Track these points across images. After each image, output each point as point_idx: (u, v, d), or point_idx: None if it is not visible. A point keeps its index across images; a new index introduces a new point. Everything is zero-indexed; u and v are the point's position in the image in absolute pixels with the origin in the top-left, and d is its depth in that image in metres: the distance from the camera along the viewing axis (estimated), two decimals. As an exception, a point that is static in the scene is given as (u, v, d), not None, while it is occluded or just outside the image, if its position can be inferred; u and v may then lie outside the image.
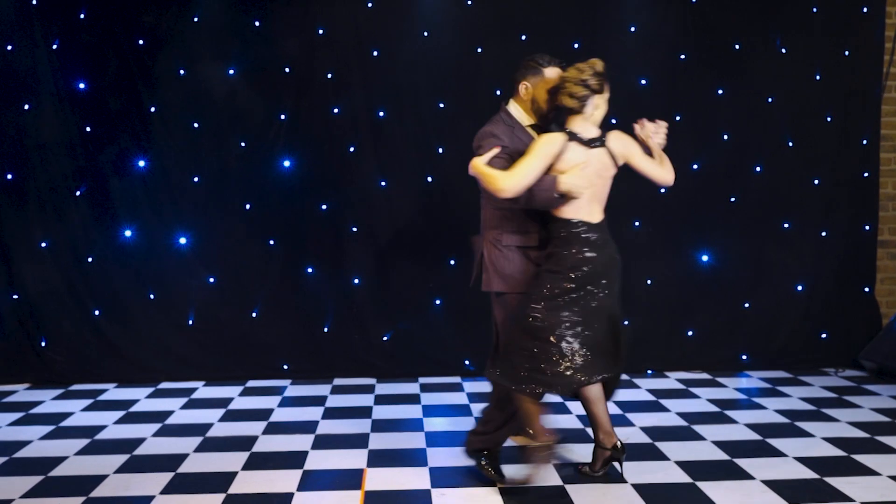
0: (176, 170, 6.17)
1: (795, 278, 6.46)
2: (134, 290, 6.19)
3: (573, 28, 6.20)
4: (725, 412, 5.26)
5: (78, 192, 6.11)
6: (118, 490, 3.99)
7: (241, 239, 6.22)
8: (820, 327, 6.49)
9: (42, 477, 4.17)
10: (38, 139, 6.07)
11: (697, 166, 6.35)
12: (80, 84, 6.06)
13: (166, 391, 5.93)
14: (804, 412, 5.26)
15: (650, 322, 6.35)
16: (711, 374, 6.29)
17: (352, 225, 6.24)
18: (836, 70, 6.36)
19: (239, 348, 6.24)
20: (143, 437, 4.84)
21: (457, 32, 6.16)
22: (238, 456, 4.46)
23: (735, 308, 6.41)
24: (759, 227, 6.40)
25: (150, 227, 6.18)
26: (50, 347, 6.16)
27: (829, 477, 4.08)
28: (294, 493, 3.92)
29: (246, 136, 6.18)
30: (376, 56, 6.17)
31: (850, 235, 6.47)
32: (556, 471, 4.18)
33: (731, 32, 6.29)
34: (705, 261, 6.40)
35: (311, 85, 6.17)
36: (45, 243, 6.12)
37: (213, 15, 6.09)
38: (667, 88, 6.28)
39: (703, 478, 4.08)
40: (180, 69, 6.11)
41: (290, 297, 6.26)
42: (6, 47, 5.99)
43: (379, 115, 6.22)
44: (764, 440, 4.68)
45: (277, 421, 5.15)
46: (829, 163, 6.42)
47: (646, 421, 5.06)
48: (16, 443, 4.73)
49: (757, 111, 6.34)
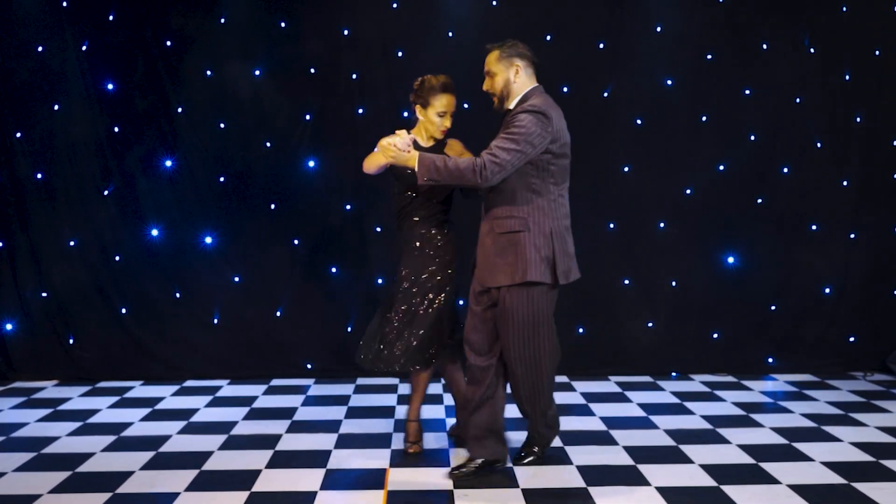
0: (202, 170, 6.22)
1: (823, 281, 6.39)
2: (160, 288, 6.25)
3: (598, 28, 6.18)
4: (751, 415, 5.21)
5: (106, 191, 6.18)
6: (143, 486, 4.03)
7: (265, 239, 6.26)
8: (848, 330, 6.41)
9: (69, 472, 4.22)
10: (67, 139, 6.15)
11: (724, 167, 6.29)
12: (108, 84, 6.13)
13: (191, 389, 5.98)
14: (831, 416, 5.20)
15: (675, 324, 6.31)
16: (737, 377, 6.23)
17: (375, 225, 6.25)
18: (865, 70, 6.28)
19: (263, 347, 6.28)
20: (169, 434, 4.88)
21: (481, 33, 6.12)
22: (262, 454, 4.49)
23: (761, 310, 6.35)
24: (787, 228, 6.34)
25: (177, 226, 6.24)
26: (78, 345, 6.25)
27: (856, 482, 4.03)
28: (317, 492, 3.94)
29: (271, 136, 6.21)
30: (401, 57, 6.18)
31: (879, 237, 6.38)
32: (579, 473, 4.16)
33: (759, 32, 6.23)
34: (731, 262, 6.34)
35: (337, 85, 6.20)
36: (74, 242, 6.20)
37: (239, 16, 6.13)
38: (693, 89, 6.23)
39: (728, 481, 4.04)
40: (207, 70, 6.16)
41: (314, 297, 6.29)
42: (37, 49, 6.08)
43: (403, 116, 6.23)
44: (790, 444, 4.63)
45: (301, 420, 5.17)
46: (858, 164, 6.34)
47: (670, 423, 5.02)
48: (44, 438, 4.79)
49: (785, 112, 6.28)
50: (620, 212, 6.25)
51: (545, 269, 3.93)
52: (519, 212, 3.94)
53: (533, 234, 3.92)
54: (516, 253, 3.92)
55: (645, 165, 6.19)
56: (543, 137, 3.85)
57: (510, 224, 3.94)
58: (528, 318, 3.96)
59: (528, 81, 4.03)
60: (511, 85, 4.01)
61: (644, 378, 6.15)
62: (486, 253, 4.03)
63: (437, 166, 3.84)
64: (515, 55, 4.01)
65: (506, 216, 3.96)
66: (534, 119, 3.84)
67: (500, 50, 4.04)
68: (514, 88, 4.02)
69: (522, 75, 4.00)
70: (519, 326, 3.97)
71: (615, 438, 4.68)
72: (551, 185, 3.96)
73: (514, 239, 3.93)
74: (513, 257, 3.93)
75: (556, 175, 3.96)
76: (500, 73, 4.03)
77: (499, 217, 3.98)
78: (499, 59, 4.03)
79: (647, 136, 6.22)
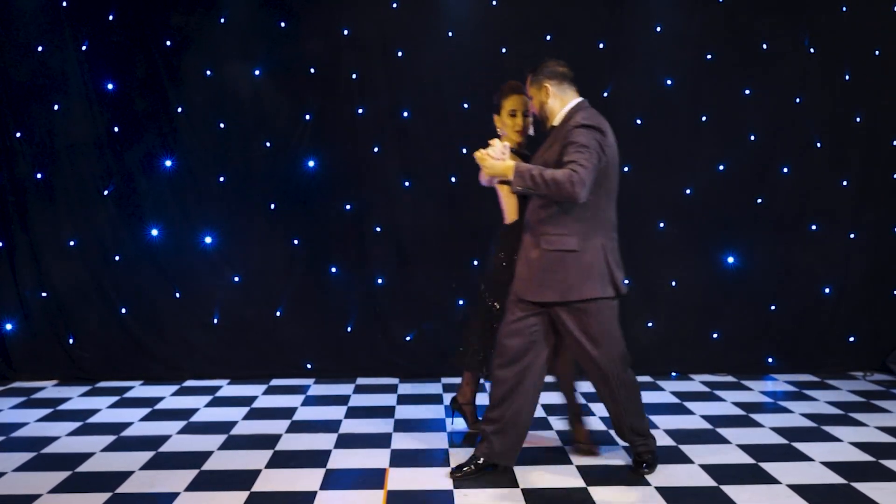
0: (202, 169, 6.22)
1: (823, 281, 6.39)
2: (160, 288, 6.25)
3: (598, 28, 6.18)
4: (751, 415, 5.21)
5: (106, 191, 6.18)
6: (143, 486, 4.03)
7: (265, 238, 6.26)
8: (848, 330, 6.41)
9: (69, 472, 4.22)
10: (67, 139, 6.15)
11: (724, 167, 6.29)
12: (108, 84, 6.13)
13: (191, 389, 5.98)
14: (831, 416, 5.20)
15: (675, 324, 6.31)
16: (737, 377, 6.23)
17: (375, 225, 6.25)
18: (865, 70, 6.28)
19: (263, 347, 6.28)
20: (168, 434, 4.88)
21: (481, 33, 6.16)
22: (262, 454, 4.49)
23: (761, 310, 6.35)
24: (787, 228, 6.34)
25: (177, 226, 6.24)
26: (77, 345, 6.24)
27: (856, 482, 4.03)
28: (317, 492, 3.94)
29: (271, 136, 6.21)
30: (401, 57, 6.18)
31: (879, 237, 6.38)
32: (579, 473, 4.16)
33: (759, 32, 6.23)
34: (731, 262, 6.34)
35: (336, 85, 6.20)
36: (74, 242, 6.20)
37: (239, 16, 6.13)
38: (693, 89, 6.24)
39: (728, 481, 4.04)
40: (207, 70, 6.16)
41: (313, 297, 6.29)
42: (37, 48, 6.08)
43: (403, 116, 6.24)
44: (790, 444, 4.63)
45: (301, 420, 5.17)
46: (858, 164, 6.34)
47: (670, 423, 5.02)
48: (44, 438, 4.79)
49: (784, 112, 6.28)
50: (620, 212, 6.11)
51: (606, 284, 3.94)
52: (570, 229, 3.91)
53: (586, 251, 3.91)
54: (567, 270, 3.90)
55: (645, 165, 6.19)
56: (603, 151, 3.88)
57: (562, 242, 3.90)
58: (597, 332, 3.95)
59: (566, 97, 4.05)
60: (545, 106, 4.06)
61: (644, 378, 6.14)
62: (532, 267, 3.98)
63: (532, 175, 3.81)
64: (543, 77, 4.05)
65: (556, 233, 3.92)
66: (591, 134, 3.86)
67: (532, 75, 4.11)
68: (550, 108, 4.05)
69: (555, 94, 4.03)
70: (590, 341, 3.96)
71: (615, 438, 4.68)
72: (603, 199, 3.96)
73: (566, 257, 3.90)
74: (563, 274, 3.90)
75: (607, 189, 3.97)
76: (535, 97, 4.10)
77: (548, 234, 3.93)
78: (531, 85, 4.12)
79: (647, 136, 6.22)
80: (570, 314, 3.95)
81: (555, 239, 3.92)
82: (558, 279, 3.91)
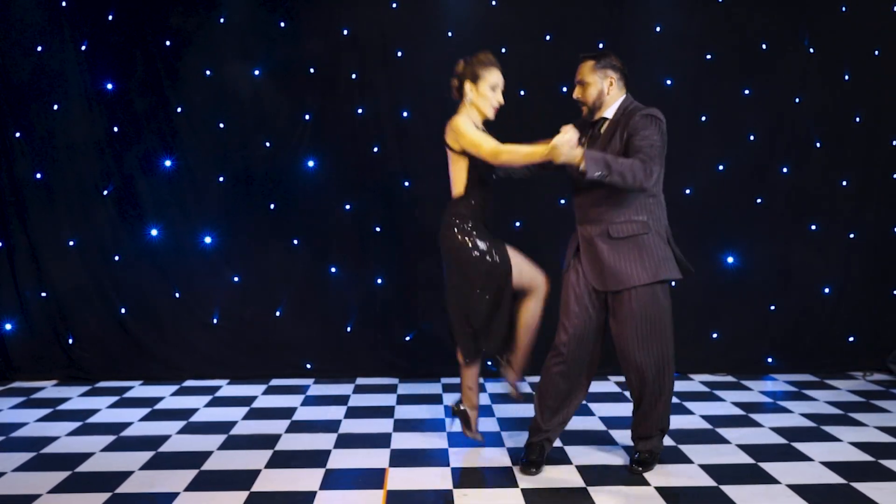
0: (201, 170, 6.22)
1: (822, 280, 6.39)
2: (160, 288, 6.25)
3: (598, 28, 6.17)
4: (750, 415, 5.21)
5: (105, 191, 6.18)
6: (143, 486, 4.03)
7: (265, 238, 6.26)
8: (847, 330, 6.41)
9: (69, 472, 4.22)
10: (67, 139, 6.15)
11: (723, 167, 6.29)
12: (107, 84, 6.13)
13: (191, 389, 5.98)
14: (831, 416, 5.20)
15: (675, 324, 6.28)
16: (736, 376, 6.23)
17: (375, 225, 6.25)
18: (864, 70, 6.28)
19: (263, 347, 6.28)
20: (168, 434, 4.88)
21: (481, 32, 6.15)
22: (261, 454, 4.49)
23: (761, 310, 6.35)
24: (786, 228, 6.34)
25: (176, 226, 6.24)
26: (77, 345, 6.24)
27: (856, 482, 4.03)
28: (317, 492, 3.94)
29: (271, 136, 6.21)
30: (401, 56, 6.18)
31: (879, 237, 6.38)
32: (578, 472, 4.16)
33: (759, 32, 6.23)
34: (731, 262, 6.34)
35: (336, 85, 6.20)
36: (73, 242, 6.20)
37: (239, 16, 6.13)
38: (693, 88, 6.23)
39: (728, 481, 4.04)
40: (206, 70, 6.16)
41: (313, 297, 6.29)
42: (36, 48, 6.08)
43: (403, 116, 6.23)
44: (790, 444, 4.63)
45: (300, 420, 5.17)
46: (858, 164, 6.34)
47: (670, 423, 5.01)
48: (43, 438, 4.79)
49: (784, 111, 6.28)
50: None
51: (673, 266, 4.02)
52: (637, 215, 3.94)
53: (654, 234, 3.97)
54: (641, 254, 3.94)
55: (645, 165, 6.17)
56: (664, 141, 3.94)
57: (630, 228, 3.94)
58: (656, 315, 4.01)
59: (620, 92, 4.07)
60: (604, 96, 4.03)
61: (644, 378, 6.15)
62: (603, 258, 3.98)
63: (607, 162, 3.75)
64: (609, 67, 4.02)
65: (623, 220, 3.94)
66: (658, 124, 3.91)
67: (594, 60, 4.03)
68: (606, 100, 4.04)
69: (616, 87, 4.03)
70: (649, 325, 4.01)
71: (615, 438, 4.68)
72: (660, 184, 4.02)
73: (639, 241, 3.94)
74: (638, 258, 3.94)
75: (661, 177, 4.00)
76: (594, 84, 4.02)
77: (615, 222, 3.95)
78: (593, 70, 4.02)
79: (647, 136, 6.21)
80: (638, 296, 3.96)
81: (622, 227, 3.95)
82: (635, 263, 3.93)
